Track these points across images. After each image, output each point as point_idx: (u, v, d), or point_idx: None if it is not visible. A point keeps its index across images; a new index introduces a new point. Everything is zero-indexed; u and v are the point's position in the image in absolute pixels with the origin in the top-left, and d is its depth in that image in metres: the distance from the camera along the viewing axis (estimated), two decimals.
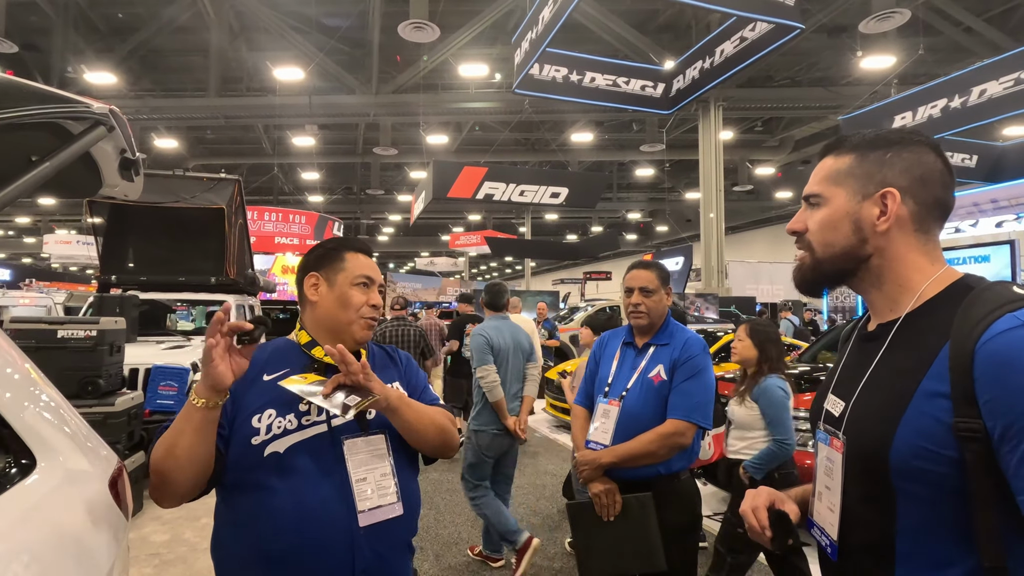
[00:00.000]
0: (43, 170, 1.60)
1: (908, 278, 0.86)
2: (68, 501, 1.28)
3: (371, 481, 1.18)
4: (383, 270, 17.53)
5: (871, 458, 0.81)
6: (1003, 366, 0.70)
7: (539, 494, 4.69)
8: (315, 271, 1.30)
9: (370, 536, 1.16)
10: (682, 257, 14.28)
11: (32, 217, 27.50)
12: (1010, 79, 7.79)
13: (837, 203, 0.89)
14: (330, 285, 1.29)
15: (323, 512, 1.13)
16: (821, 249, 0.91)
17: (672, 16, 13.04)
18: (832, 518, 0.89)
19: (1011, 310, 0.73)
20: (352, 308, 1.27)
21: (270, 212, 17.25)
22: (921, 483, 0.76)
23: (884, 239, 0.86)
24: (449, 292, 27.80)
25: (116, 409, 3.62)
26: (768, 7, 5.52)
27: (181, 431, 1.09)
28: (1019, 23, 12.10)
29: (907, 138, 0.88)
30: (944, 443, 0.74)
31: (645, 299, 2.01)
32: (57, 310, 11.19)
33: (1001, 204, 11.42)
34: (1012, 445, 0.69)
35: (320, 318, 1.29)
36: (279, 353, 1.27)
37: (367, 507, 1.16)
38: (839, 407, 0.90)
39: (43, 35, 12.81)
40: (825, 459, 0.92)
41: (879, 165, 0.87)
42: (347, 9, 12.71)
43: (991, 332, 0.72)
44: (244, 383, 1.15)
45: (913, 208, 0.86)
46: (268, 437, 1.15)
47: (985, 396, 0.71)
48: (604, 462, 1.90)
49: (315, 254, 1.34)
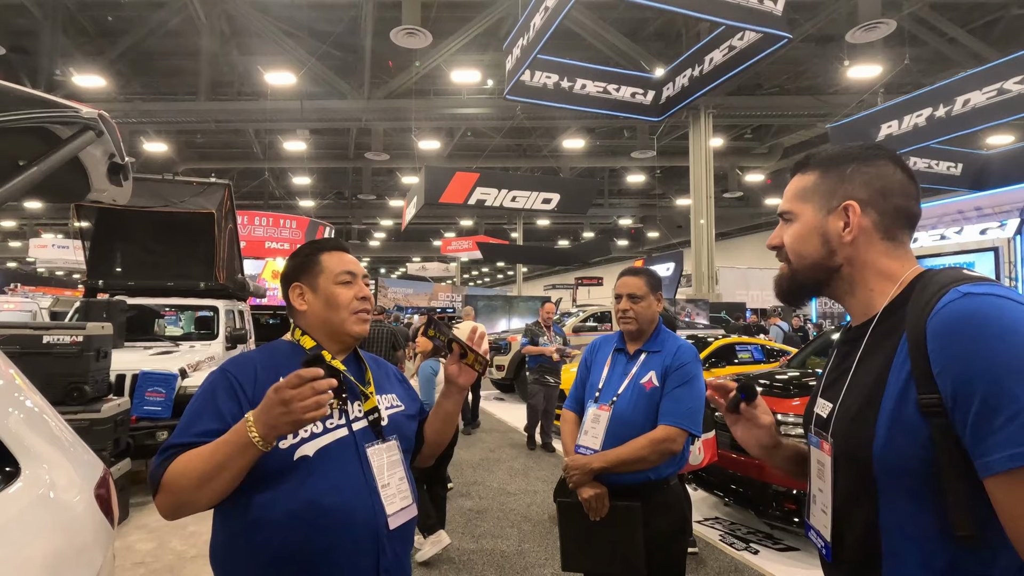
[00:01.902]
0: (31, 175, 1.58)
1: (879, 283, 0.91)
2: (53, 509, 1.26)
3: (392, 485, 1.23)
4: (374, 275, 17.59)
5: (856, 455, 0.83)
6: (947, 335, 0.74)
7: (531, 500, 4.68)
8: (296, 281, 1.31)
9: (391, 537, 1.20)
10: (673, 263, 14.38)
11: (18, 221, 27.14)
12: (993, 89, 7.93)
13: (806, 218, 0.95)
14: (314, 291, 1.29)
15: (355, 515, 1.15)
16: (796, 260, 0.97)
17: (662, 24, 13.16)
18: (825, 520, 0.91)
19: (956, 286, 0.77)
20: (341, 306, 1.27)
21: (260, 217, 17.16)
22: (902, 473, 0.78)
23: (852, 248, 0.91)
24: (441, 297, 27.75)
25: (102, 416, 3.57)
26: (756, 17, 5.58)
27: (224, 467, 1.05)
28: (1002, 34, 12.34)
29: (868, 153, 0.93)
30: (914, 422, 0.76)
31: (633, 305, 2.03)
32: (43, 315, 11.03)
33: (985, 212, 11.60)
34: (964, 411, 0.71)
35: (314, 324, 1.29)
36: (288, 357, 1.26)
37: (393, 510, 1.20)
38: (827, 409, 0.93)
39: (31, 38, 12.68)
40: (817, 462, 0.95)
41: (840, 180, 0.93)
42: (339, 14, 12.71)
43: (938, 307, 0.76)
44: (262, 385, 1.15)
45: (875, 218, 0.90)
46: (296, 441, 1.15)
47: (937, 368, 0.74)
48: (594, 467, 1.90)
49: (292, 264, 1.34)
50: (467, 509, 4.46)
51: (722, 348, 7.22)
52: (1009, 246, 10.80)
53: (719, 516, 4.36)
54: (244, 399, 1.15)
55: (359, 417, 1.25)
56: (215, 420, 1.13)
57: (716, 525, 4.17)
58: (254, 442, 1.02)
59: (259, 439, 1.02)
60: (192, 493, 1.06)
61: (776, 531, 3.97)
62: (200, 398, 1.17)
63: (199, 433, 1.11)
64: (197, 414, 1.15)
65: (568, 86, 8.29)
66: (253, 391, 1.16)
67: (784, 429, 3.54)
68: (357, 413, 1.25)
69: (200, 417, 1.14)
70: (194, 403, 1.17)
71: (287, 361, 1.22)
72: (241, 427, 1.04)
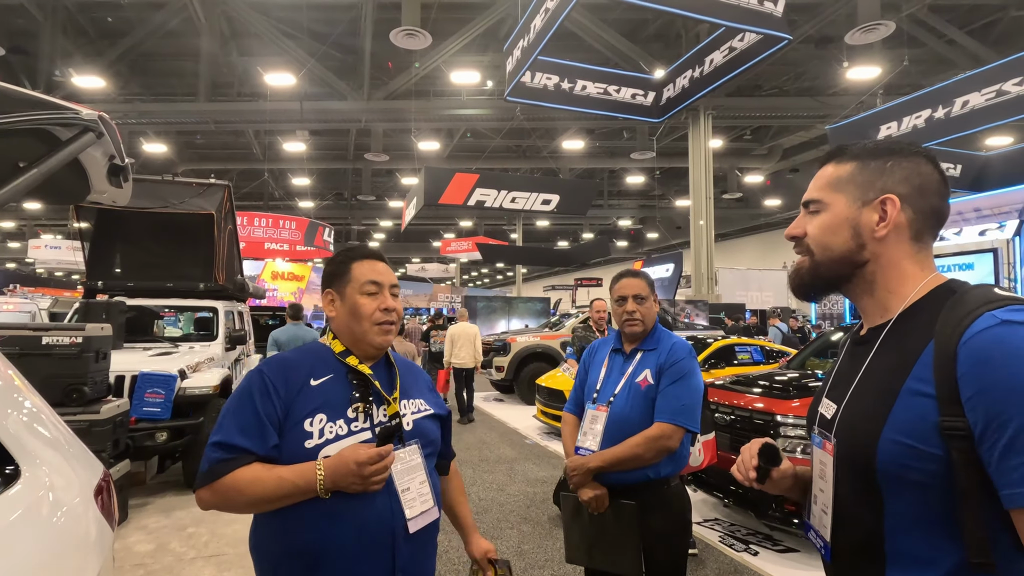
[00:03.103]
0: (31, 176, 1.58)
1: (899, 285, 0.88)
2: (52, 511, 1.26)
3: (413, 489, 1.26)
4: None
5: (859, 457, 0.83)
6: (982, 363, 0.72)
7: (530, 501, 4.68)
8: (329, 288, 1.35)
9: (409, 539, 1.22)
10: (672, 264, 14.38)
11: (17, 221, 27.13)
12: (991, 90, 7.94)
13: (837, 208, 0.91)
14: (342, 299, 1.33)
15: (376, 516, 1.19)
16: (820, 252, 0.92)
17: (662, 26, 13.17)
18: (826, 520, 0.91)
19: (990, 309, 0.75)
20: (364, 317, 1.30)
21: (260, 218, 17.17)
22: (907, 481, 0.78)
23: (881, 245, 0.88)
24: (440, 298, 27.78)
25: (101, 417, 3.57)
26: (756, 18, 5.59)
27: (282, 500, 1.15)
28: (1000, 36, 12.36)
29: (906, 148, 0.91)
30: (929, 441, 0.75)
31: (639, 306, 2.04)
32: (42, 316, 11.03)
33: (984, 213, 11.62)
34: (993, 440, 0.70)
35: (341, 331, 1.34)
36: (320, 359, 1.30)
37: (413, 514, 1.23)
38: (832, 410, 0.92)
39: (31, 38, 12.67)
40: (819, 462, 0.94)
41: (879, 173, 0.89)
42: (339, 16, 12.72)
43: (972, 331, 0.74)
44: (294, 387, 1.22)
45: (911, 216, 0.88)
46: (321, 441, 1.19)
47: (967, 393, 0.72)
48: (592, 467, 1.91)
49: (328, 270, 1.38)
50: None
51: (721, 349, 7.22)
52: (1008, 247, 10.82)
53: (719, 517, 4.36)
54: (278, 400, 1.21)
55: (383, 421, 1.27)
56: (252, 419, 1.19)
57: (716, 526, 4.17)
58: (318, 491, 1.14)
59: (324, 488, 1.14)
60: (241, 507, 1.16)
61: (776, 532, 3.97)
62: (238, 397, 1.23)
63: (242, 431, 1.18)
64: (234, 413, 1.21)
65: (569, 87, 8.29)
66: (286, 390, 1.21)
67: (783, 430, 3.54)
68: (381, 417, 1.28)
69: (238, 415, 1.20)
70: (231, 402, 1.24)
71: (319, 363, 1.29)
72: (310, 473, 1.14)
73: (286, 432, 1.19)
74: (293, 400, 1.21)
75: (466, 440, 7.00)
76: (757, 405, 3.80)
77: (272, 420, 1.19)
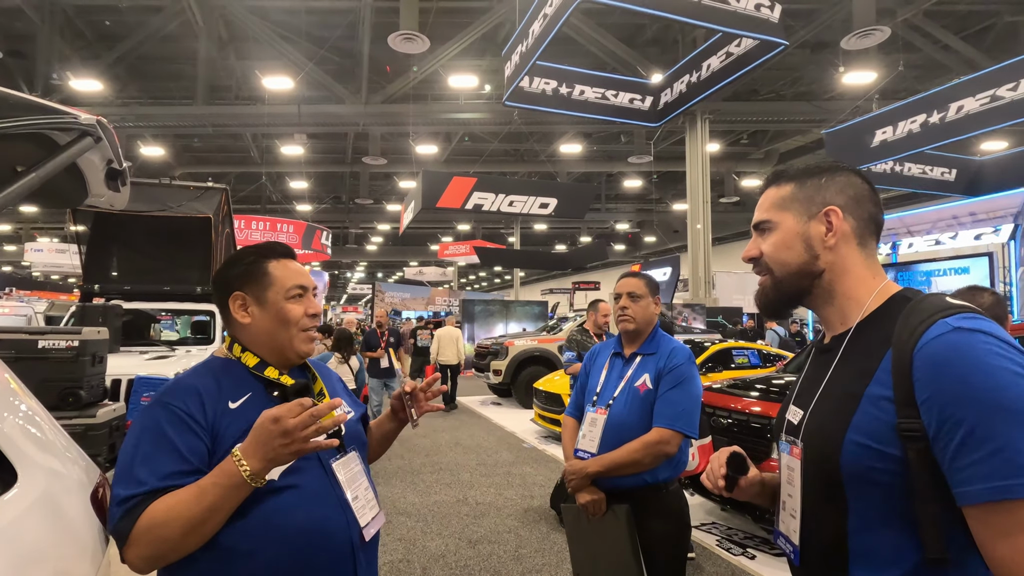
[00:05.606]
0: (28, 181, 1.59)
1: (855, 291, 0.94)
2: (49, 515, 1.26)
3: (361, 497, 1.21)
4: (371, 279, 18.04)
5: (824, 461, 0.86)
6: (936, 367, 0.76)
7: (527, 504, 4.67)
8: (239, 290, 1.19)
9: (366, 548, 1.19)
10: (669, 268, 14.38)
11: (13, 225, 27.04)
12: (986, 96, 7.98)
13: (787, 225, 0.97)
14: (260, 304, 1.18)
15: (332, 531, 1.13)
16: (778, 269, 0.98)
17: (659, 31, 13.23)
18: (794, 524, 0.94)
19: (943, 317, 0.79)
20: (292, 324, 1.18)
21: (257, 221, 17.12)
22: (869, 482, 0.81)
23: (833, 254, 0.94)
24: (438, 301, 27.74)
25: (97, 421, 3.55)
26: (752, 24, 5.62)
27: (217, 509, 0.99)
28: (995, 41, 12.45)
29: (835, 166, 0.99)
30: (888, 442, 0.79)
31: (632, 303, 2.05)
32: (38, 320, 10.98)
33: (980, 217, 11.66)
34: (946, 440, 0.73)
35: (259, 339, 1.19)
36: (230, 377, 1.16)
37: (365, 522, 1.19)
38: (798, 416, 0.96)
39: (28, 42, 12.66)
40: (787, 467, 0.97)
41: (818, 188, 0.97)
42: (337, 19, 12.74)
43: (926, 337, 0.78)
44: (212, 415, 1.08)
45: (853, 224, 0.94)
46: None
47: (922, 396, 0.76)
48: (590, 471, 1.91)
49: (235, 271, 1.21)
50: (464, 514, 4.45)
51: (719, 353, 7.23)
52: (1003, 251, 10.86)
53: (716, 521, 4.36)
54: (201, 430, 1.06)
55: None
56: (177, 461, 1.02)
57: (713, 530, 4.17)
58: (246, 479, 0.98)
59: (251, 475, 0.98)
60: (179, 541, 0.98)
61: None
62: (144, 438, 1.04)
63: (165, 476, 1.00)
64: (148, 457, 1.02)
65: (567, 92, 8.32)
66: (205, 419, 1.07)
67: None
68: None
69: (153, 460, 1.02)
70: (138, 446, 1.04)
71: (230, 382, 1.14)
72: (229, 466, 0.98)
73: (217, 464, 1.03)
74: (217, 426, 1.07)
75: (464, 444, 6.99)
76: (754, 409, 3.80)
77: (199, 456, 1.03)
